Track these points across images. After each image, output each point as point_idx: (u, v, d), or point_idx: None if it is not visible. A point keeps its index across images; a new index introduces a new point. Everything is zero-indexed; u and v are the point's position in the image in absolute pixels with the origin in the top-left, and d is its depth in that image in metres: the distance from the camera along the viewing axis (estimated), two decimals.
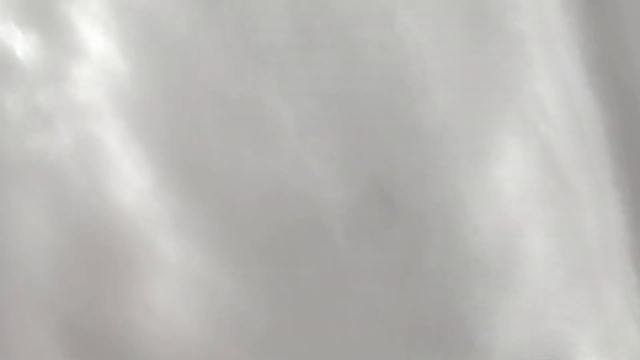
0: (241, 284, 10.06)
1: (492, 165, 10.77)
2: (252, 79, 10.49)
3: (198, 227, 10.24)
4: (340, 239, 10.17)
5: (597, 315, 10.49)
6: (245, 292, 10.04)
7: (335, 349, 9.88)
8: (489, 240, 10.39)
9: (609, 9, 11.30)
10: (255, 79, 10.47)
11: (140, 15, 10.63)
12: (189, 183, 10.37)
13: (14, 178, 10.10)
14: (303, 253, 10.16)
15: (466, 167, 10.58)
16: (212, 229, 10.25)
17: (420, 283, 10.08)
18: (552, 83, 11.20)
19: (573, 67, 11.22)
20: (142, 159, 10.36)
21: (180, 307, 9.99)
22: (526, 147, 11.02)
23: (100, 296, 9.93)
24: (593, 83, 11.19)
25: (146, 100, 10.57)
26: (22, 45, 10.42)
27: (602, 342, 10.39)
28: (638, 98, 11.23)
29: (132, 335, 9.80)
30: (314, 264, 10.12)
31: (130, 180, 10.31)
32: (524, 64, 11.11)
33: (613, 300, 10.56)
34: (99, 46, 10.62)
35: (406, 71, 10.54)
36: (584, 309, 10.48)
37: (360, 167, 10.34)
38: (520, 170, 10.91)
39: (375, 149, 10.40)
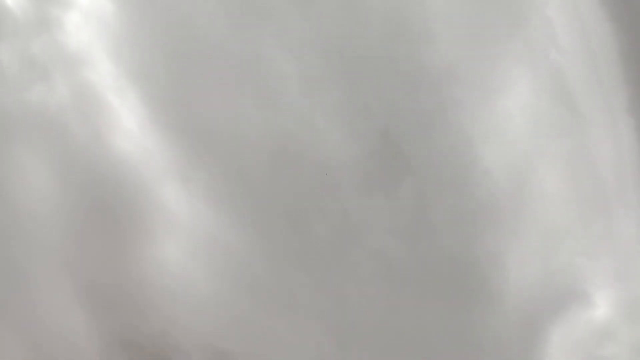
0: (252, 241, 10.17)
1: (499, 100, 10.52)
2: (251, 32, 10.19)
3: (206, 184, 10.27)
4: (350, 193, 10.16)
5: (611, 247, 10.51)
6: (257, 248, 10.17)
7: (349, 301, 10.07)
8: (499, 181, 10.31)
9: None
10: (255, 32, 10.18)
11: None
12: (191, 140, 10.31)
13: (16, 134, 10.10)
14: (313, 208, 10.19)
15: (473, 108, 10.36)
16: (220, 186, 10.29)
17: (431, 233, 10.12)
18: (561, 6, 10.73)
19: None
20: (145, 114, 10.28)
21: (193, 264, 10.17)
22: (535, 77, 10.71)
23: (115, 255, 10.13)
24: (605, 4, 10.70)
25: (143, 50, 10.37)
26: None
27: (616, 274, 10.46)
28: None
29: (148, 293, 10.06)
30: (324, 219, 10.17)
31: (134, 135, 10.27)
32: None
33: (627, 231, 10.54)
34: None
35: (407, 13, 10.15)
36: (598, 242, 10.50)
37: (366, 119, 10.17)
38: (529, 102, 10.66)
39: (380, 99, 10.18)
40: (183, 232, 10.22)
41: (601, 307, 10.34)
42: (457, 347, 9.98)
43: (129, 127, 10.27)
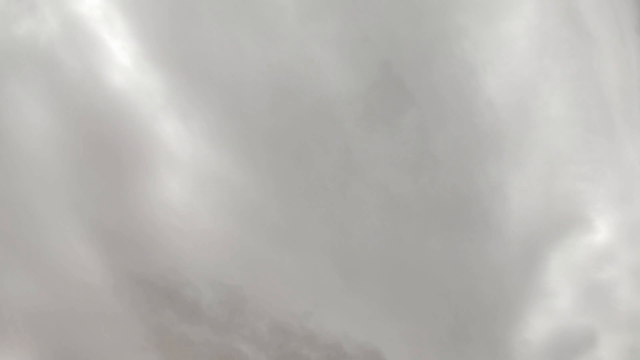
0: (255, 176, 10.19)
1: (503, 23, 10.20)
2: None
3: (205, 120, 10.16)
4: (351, 127, 10.07)
5: (615, 170, 10.49)
6: (260, 184, 10.19)
7: (352, 234, 10.20)
8: (503, 110, 10.17)
9: None
10: None
11: None
12: (187, 75, 10.11)
13: (9, 69, 9.94)
14: (315, 143, 10.13)
15: (476, 34, 10.06)
16: (219, 122, 10.18)
17: (434, 165, 10.09)
18: None
19: None
20: (137, 48, 10.04)
21: (197, 201, 10.21)
22: None
23: (119, 193, 10.16)
24: None
25: None
26: None
27: (618, 196, 10.50)
28: None
29: (154, 230, 10.16)
30: (326, 153, 10.13)
31: (128, 70, 10.08)
32: None
33: (631, 154, 10.47)
34: None
35: None
36: (601, 165, 10.47)
37: (367, 50, 9.90)
38: (534, 23, 10.33)
39: (380, 29, 9.87)
40: (185, 169, 10.21)
41: (601, 232, 10.44)
42: (459, 276, 10.20)
43: (123, 61, 10.06)
